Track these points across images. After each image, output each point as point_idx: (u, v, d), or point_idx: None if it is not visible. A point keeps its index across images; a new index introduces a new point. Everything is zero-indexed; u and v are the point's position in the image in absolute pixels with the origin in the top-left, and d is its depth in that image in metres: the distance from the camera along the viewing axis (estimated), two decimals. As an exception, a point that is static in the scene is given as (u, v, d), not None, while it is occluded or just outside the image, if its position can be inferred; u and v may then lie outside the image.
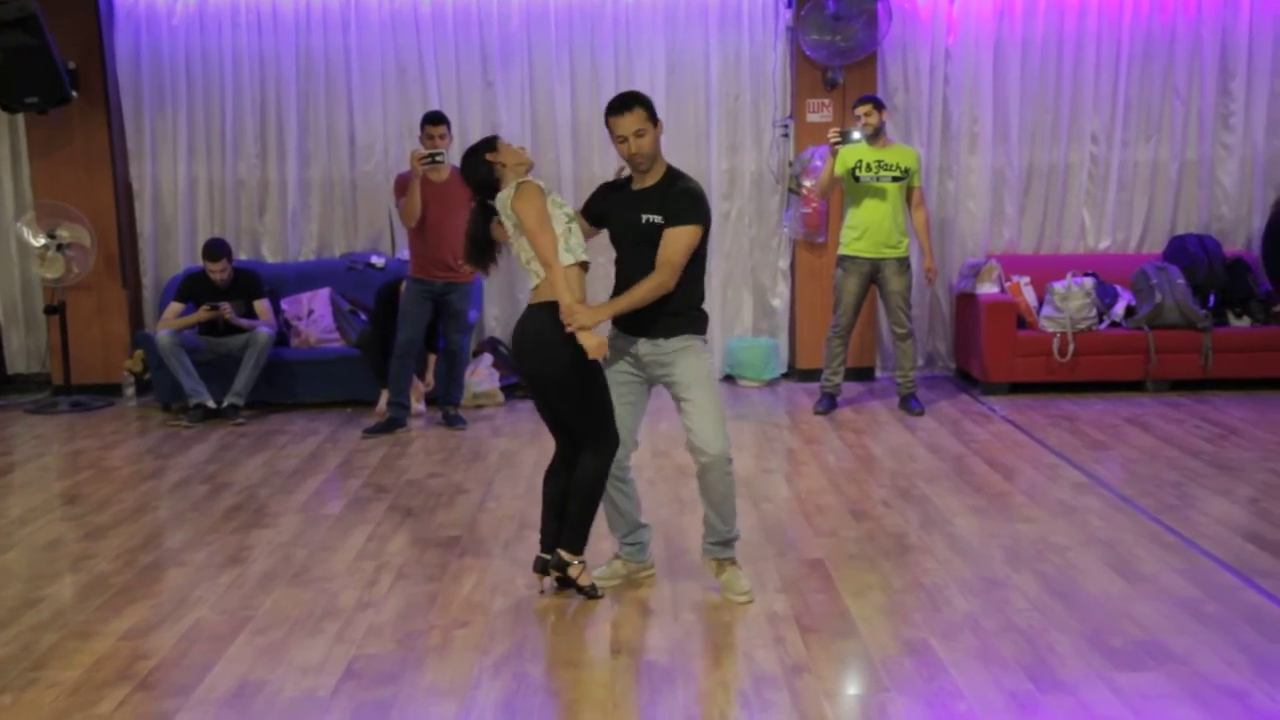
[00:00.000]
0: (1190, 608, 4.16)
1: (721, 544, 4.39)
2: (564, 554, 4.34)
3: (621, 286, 4.27)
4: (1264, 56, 8.39)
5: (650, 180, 4.26)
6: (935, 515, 5.32)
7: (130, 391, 8.31)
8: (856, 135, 7.18)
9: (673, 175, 4.28)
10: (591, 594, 4.35)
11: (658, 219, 4.17)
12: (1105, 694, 3.51)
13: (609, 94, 8.19)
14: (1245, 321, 8.00)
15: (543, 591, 4.42)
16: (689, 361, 4.25)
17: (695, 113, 8.43)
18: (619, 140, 4.19)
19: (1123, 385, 7.90)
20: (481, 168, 4.28)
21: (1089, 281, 7.88)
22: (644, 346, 4.30)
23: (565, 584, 4.38)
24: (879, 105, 7.28)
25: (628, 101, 4.19)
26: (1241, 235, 8.55)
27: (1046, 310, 7.93)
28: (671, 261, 4.16)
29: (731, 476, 4.29)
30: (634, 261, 4.24)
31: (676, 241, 4.16)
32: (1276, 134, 8.49)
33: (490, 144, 4.32)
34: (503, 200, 4.22)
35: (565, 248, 4.13)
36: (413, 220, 6.88)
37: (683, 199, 4.19)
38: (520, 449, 6.71)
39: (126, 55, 8.34)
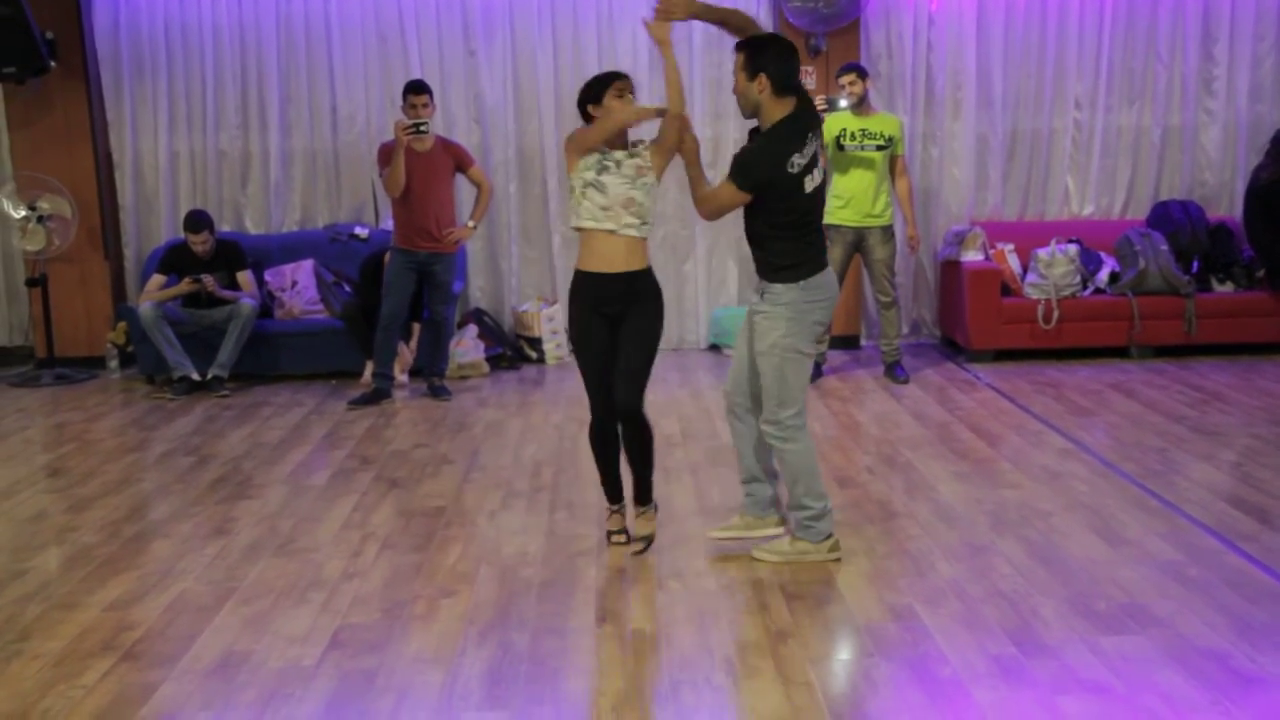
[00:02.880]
0: (1173, 571, 4.17)
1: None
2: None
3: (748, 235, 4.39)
4: (1246, 21, 8.36)
5: (764, 125, 4.23)
6: (920, 482, 5.33)
7: (114, 364, 8.26)
8: (843, 103, 7.14)
9: (775, 126, 4.18)
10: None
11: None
12: (1088, 657, 3.52)
13: (591, 63, 8.23)
14: (1229, 287, 8.01)
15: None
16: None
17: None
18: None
19: (1107, 351, 7.91)
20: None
21: (1073, 248, 7.88)
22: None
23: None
24: (863, 74, 7.23)
25: (740, 44, 4.22)
26: (1224, 201, 8.54)
27: (1031, 277, 7.92)
28: (706, 199, 4.33)
29: (793, 449, 4.31)
30: (749, 205, 4.29)
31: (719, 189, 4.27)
32: (1259, 99, 8.48)
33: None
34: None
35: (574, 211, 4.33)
36: (397, 190, 6.83)
37: (743, 152, 4.22)
38: (506, 419, 6.69)
39: (105, 25, 8.25)
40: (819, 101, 7.11)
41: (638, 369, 4.33)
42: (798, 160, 4.12)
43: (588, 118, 4.36)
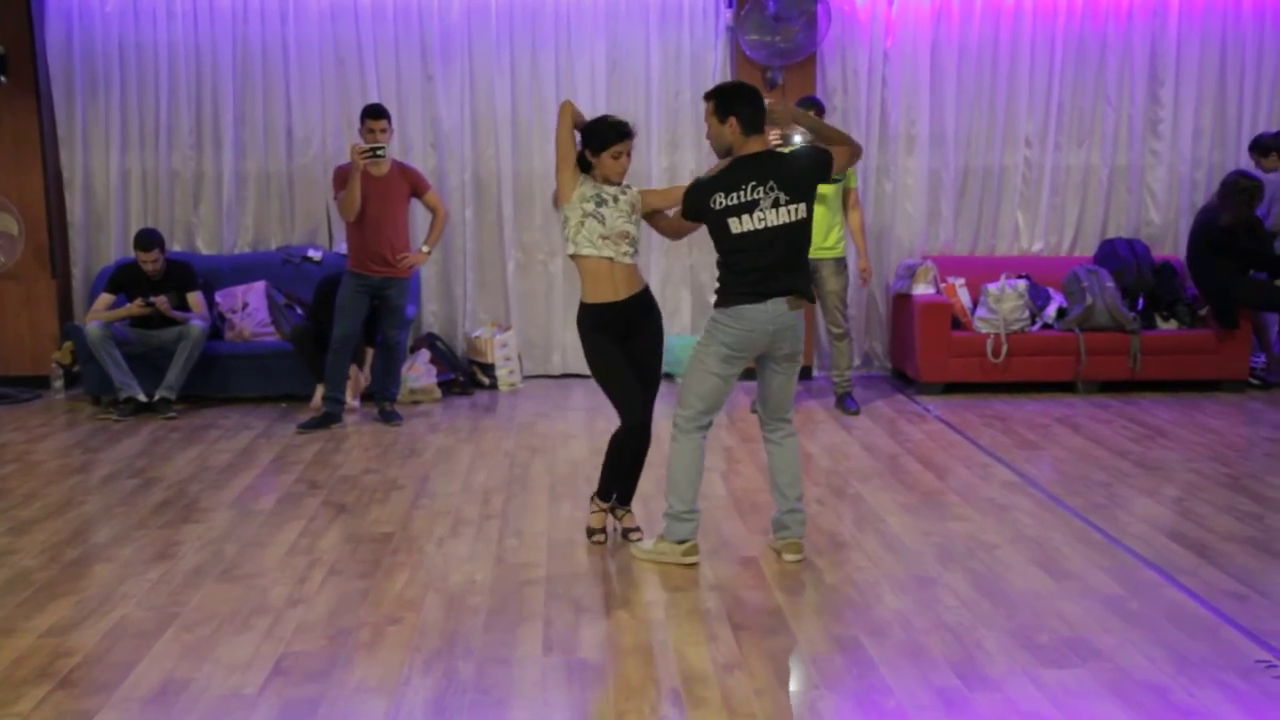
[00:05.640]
0: (1115, 605, 4.22)
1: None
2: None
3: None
4: (1191, 66, 8.54)
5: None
6: (868, 513, 5.36)
7: (59, 384, 8.13)
8: (798, 139, 7.15)
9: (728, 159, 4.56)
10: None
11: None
12: (1031, 690, 3.55)
13: (549, 90, 8.26)
14: (1172, 324, 8.13)
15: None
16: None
17: (636, 109, 8.40)
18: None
19: (1054, 386, 8.01)
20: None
21: (1022, 283, 7.98)
22: None
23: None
24: (819, 108, 7.30)
25: (709, 93, 4.59)
26: (1169, 240, 8.70)
27: (980, 311, 8.01)
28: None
29: (674, 446, 4.67)
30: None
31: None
32: (1202, 142, 8.65)
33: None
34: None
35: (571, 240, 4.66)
36: (352, 214, 6.81)
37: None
38: (456, 445, 6.66)
39: (58, 42, 8.18)
40: (774, 138, 7.13)
41: (656, 381, 4.84)
42: (722, 199, 4.44)
43: (582, 156, 4.69)
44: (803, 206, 4.47)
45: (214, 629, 4.04)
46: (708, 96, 4.56)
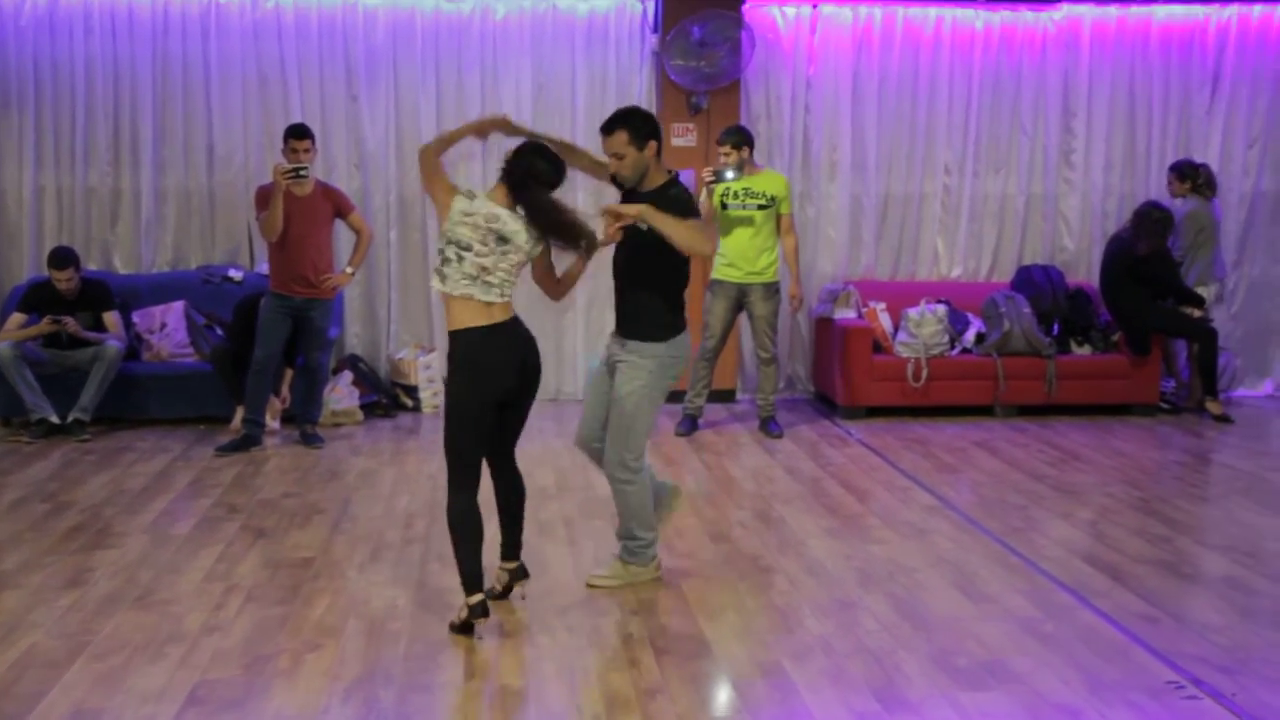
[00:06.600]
0: (1030, 628, 4.29)
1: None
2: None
3: (619, 293, 4.61)
4: (1102, 97, 8.76)
5: (647, 186, 4.48)
6: (791, 537, 5.39)
7: (-33, 405, 7.91)
8: (730, 175, 7.16)
9: (670, 183, 4.49)
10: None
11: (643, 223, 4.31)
12: (949, 714, 3.59)
13: (474, 111, 8.23)
14: (1086, 350, 8.31)
15: (524, 597, 4.57)
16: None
17: (561, 132, 8.26)
18: (608, 156, 4.48)
19: (973, 410, 8.12)
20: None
21: (942, 309, 8.10)
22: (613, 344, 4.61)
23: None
24: (737, 144, 7.15)
25: (612, 123, 4.44)
26: (1083, 267, 8.89)
27: (901, 336, 8.12)
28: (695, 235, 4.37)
29: (632, 490, 4.58)
30: (632, 266, 4.52)
31: (689, 227, 4.33)
32: (1114, 172, 8.87)
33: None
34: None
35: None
36: (274, 235, 6.73)
37: (675, 204, 4.36)
38: (379, 468, 6.59)
39: (-31, 55, 8.00)
40: (706, 174, 7.14)
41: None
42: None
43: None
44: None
45: (127, 657, 3.94)
46: (614, 127, 4.42)
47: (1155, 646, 4.13)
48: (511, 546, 4.57)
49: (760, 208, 7.29)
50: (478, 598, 4.11)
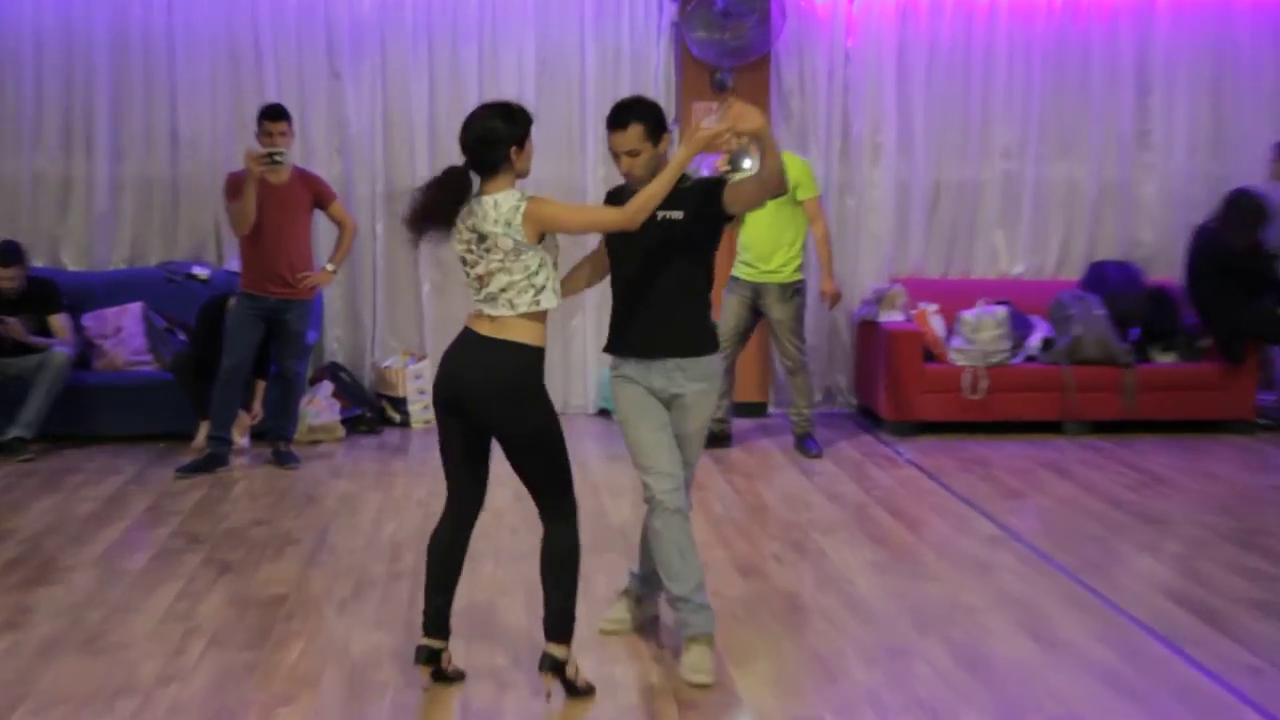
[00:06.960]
0: (1112, 680, 4.18)
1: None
2: (555, 650, 3.93)
3: (625, 296, 4.33)
4: (1181, 72, 8.66)
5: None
6: (832, 572, 5.30)
7: (-102, 421, 7.89)
8: (747, 164, 7.08)
9: (685, 176, 4.37)
10: (588, 692, 4.00)
11: (676, 214, 4.23)
12: (1022, 780, 3.47)
13: (471, 92, 8.18)
14: (1170, 357, 8.20)
15: (426, 689, 4.06)
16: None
17: (569, 115, 8.38)
18: (614, 155, 4.28)
19: (1039, 426, 8.03)
20: (500, 147, 3.87)
21: (1002, 310, 8.00)
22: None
23: (561, 681, 3.97)
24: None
25: (625, 116, 4.25)
26: (1164, 262, 8.77)
27: (955, 342, 8.01)
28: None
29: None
30: (648, 266, 4.26)
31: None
32: (1198, 155, 8.75)
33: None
34: (506, 208, 3.85)
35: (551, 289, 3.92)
36: (245, 227, 6.73)
37: (697, 188, 4.36)
38: (362, 492, 6.55)
39: (-98, 25, 8.01)
40: (721, 163, 7.06)
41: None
42: None
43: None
44: None
45: (70, 711, 3.87)
46: (627, 121, 4.23)
47: (1262, 704, 4.00)
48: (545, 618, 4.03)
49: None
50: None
